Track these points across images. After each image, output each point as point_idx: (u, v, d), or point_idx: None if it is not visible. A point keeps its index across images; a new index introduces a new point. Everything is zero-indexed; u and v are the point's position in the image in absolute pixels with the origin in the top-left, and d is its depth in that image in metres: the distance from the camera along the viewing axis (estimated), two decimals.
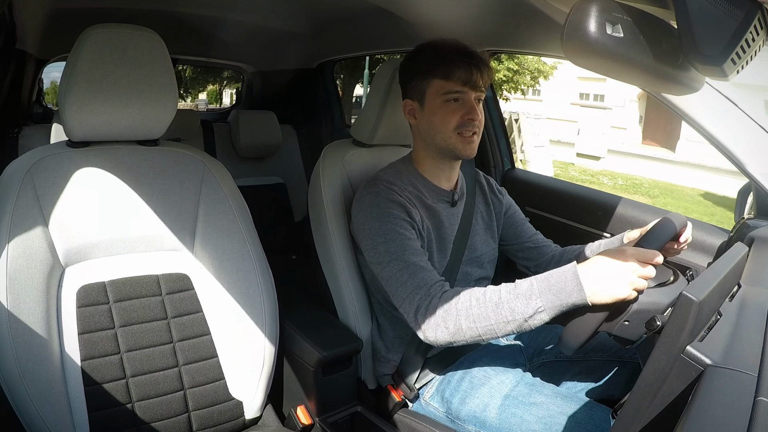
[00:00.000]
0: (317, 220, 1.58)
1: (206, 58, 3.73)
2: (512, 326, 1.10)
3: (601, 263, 1.04)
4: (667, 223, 1.21)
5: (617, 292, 1.00)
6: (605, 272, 1.02)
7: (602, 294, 1.01)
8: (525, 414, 1.26)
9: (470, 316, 1.13)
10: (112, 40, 1.26)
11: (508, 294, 1.11)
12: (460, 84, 1.36)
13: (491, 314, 1.11)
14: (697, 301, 0.72)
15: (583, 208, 1.97)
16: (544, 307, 1.07)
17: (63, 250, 1.26)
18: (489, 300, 1.12)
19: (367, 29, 2.55)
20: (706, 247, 1.59)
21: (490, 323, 1.11)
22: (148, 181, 1.39)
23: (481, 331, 1.13)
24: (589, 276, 1.03)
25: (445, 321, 1.17)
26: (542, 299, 1.07)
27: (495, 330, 1.12)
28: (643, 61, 0.80)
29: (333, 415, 1.46)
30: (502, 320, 1.10)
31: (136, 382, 1.27)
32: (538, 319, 1.08)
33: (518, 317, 1.09)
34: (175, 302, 1.37)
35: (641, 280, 1.01)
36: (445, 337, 1.18)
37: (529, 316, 1.08)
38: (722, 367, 0.68)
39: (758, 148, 1.35)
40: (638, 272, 1.01)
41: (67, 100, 1.24)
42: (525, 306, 1.08)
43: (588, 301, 1.03)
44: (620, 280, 1.00)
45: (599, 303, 1.02)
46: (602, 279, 1.02)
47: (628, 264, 1.01)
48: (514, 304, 1.09)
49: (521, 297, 1.09)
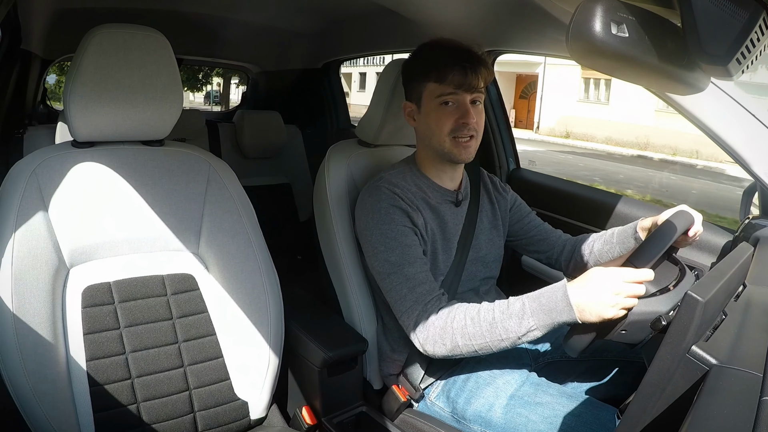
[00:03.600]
0: (322, 220, 1.58)
1: (211, 58, 3.75)
2: (506, 344, 1.17)
3: (589, 284, 1.08)
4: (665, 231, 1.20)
5: (603, 313, 1.04)
6: (592, 293, 1.06)
7: (589, 315, 1.06)
8: (530, 414, 1.26)
9: (466, 334, 1.19)
10: (117, 40, 1.26)
11: (501, 314, 1.17)
12: (453, 87, 1.35)
13: (486, 333, 1.17)
14: (702, 301, 0.72)
15: (590, 208, 1.97)
16: (536, 326, 1.13)
17: (68, 251, 1.26)
18: (483, 320, 1.18)
19: (372, 29, 2.55)
20: (711, 247, 1.58)
21: (485, 341, 1.18)
22: (153, 181, 1.38)
23: (477, 348, 1.19)
24: (577, 296, 1.08)
25: (443, 338, 1.22)
26: (534, 318, 1.13)
27: (490, 347, 1.18)
28: (648, 61, 0.80)
29: (338, 415, 1.46)
30: (497, 339, 1.16)
31: (142, 383, 1.27)
32: (531, 336, 1.15)
33: (512, 336, 1.15)
34: (181, 302, 1.37)
35: (629, 299, 1.03)
36: (442, 351, 1.24)
37: (522, 335, 1.15)
38: (727, 367, 0.68)
39: (763, 148, 1.34)
40: (624, 293, 1.03)
41: (72, 100, 1.24)
42: (518, 325, 1.14)
43: (578, 320, 1.08)
44: (606, 301, 1.04)
45: (587, 322, 1.07)
46: (589, 299, 1.06)
47: (614, 285, 1.04)
48: (508, 323, 1.15)
49: (514, 317, 1.15)
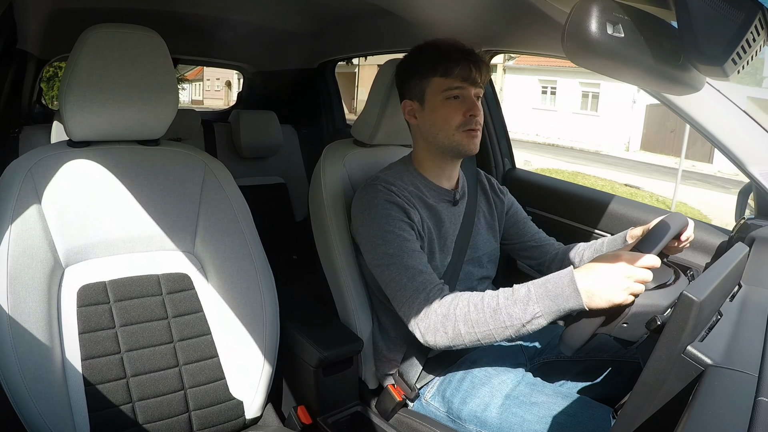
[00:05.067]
0: (318, 220, 1.57)
1: (207, 58, 3.73)
2: (510, 331, 1.11)
3: (597, 268, 1.05)
4: (664, 225, 1.21)
5: (613, 297, 1.01)
6: (601, 278, 1.03)
7: (598, 299, 1.02)
8: (526, 414, 1.26)
9: (469, 321, 1.14)
10: (112, 40, 1.26)
11: (505, 300, 1.12)
12: (460, 80, 1.36)
13: (489, 320, 1.12)
14: (697, 301, 0.72)
15: (585, 208, 1.97)
16: (541, 313, 1.08)
17: (63, 250, 1.26)
18: (487, 306, 1.13)
19: (368, 29, 2.55)
20: (706, 247, 1.59)
21: (489, 329, 1.12)
22: (148, 181, 1.38)
23: (480, 336, 1.14)
24: (585, 281, 1.04)
25: (444, 326, 1.18)
26: (539, 305, 1.08)
27: (493, 335, 1.13)
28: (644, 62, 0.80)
29: (333, 414, 1.46)
30: (500, 326, 1.11)
31: (137, 382, 1.27)
32: (535, 324, 1.09)
33: (516, 323, 1.10)
34: (176, 302, 1.36)
35: (637, 284, 1.01)
36: (444, 341, 1.19)
37: (527, 322, 1.09)
38: (723, 367, 0.68)
39: (759, 149, 1.35)
40: (634, 277, 1.01)
41: (67, 99, 1.24)
42: (522, 312, 1.09)
43: (585, 307, 1.04)
44: (616, 285, 1.01)
45: (596, 308, 1.03)
46: (598, 284, 1.02)
47: (624, 269, 1.02)
48: (512, 309, 1.10)
49: (519, 303, 1.10)
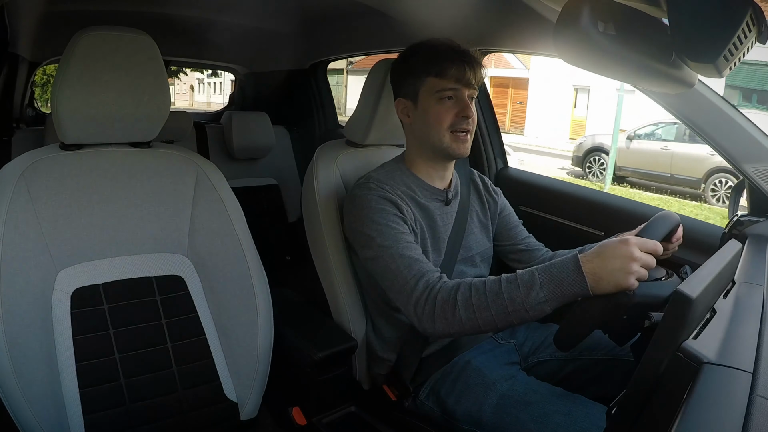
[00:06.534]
0: (311, 220, 1.57)
1: (198, 60, 3.72)
2: (513, 317, 1.09)
3: (602, 252, 1.03)
4: (664, 218, 1.21)
5: (621, 281, 0.99)
6: (607, 261, 1.01)
7: (605, 283, 1.00)
8: (520, 413, 1.25)
9: (470, 306, 1.11)
10: (104, 43, 1.25)
11: (508, 284, 1.09)
12: (454, 81, 1.36)
13: (491, 305, 1.09)
14: (692, 298, 0.72)
15: (577, 207, 1.97)
16: (545, 298, 1.05)
17: (57, 253, 1.25)
18: (489, 290, 1.10)
19: (360, 30, 2.54)
20: (699, 244, 1.59)
21: (490, 314, 1.10)
22: (141, 183, 1.38)
23: (481, 323, 1.11)
24: (591, 265, 1.02)
25: (444, 312, 1.15)
26: (544, 290, 1.05)
27: (495, 321, 1.10)
28: (636, 59, 0.80)
29: (328, 415, 1.46)
30: (503, 311, 1.09)
31: (131, 384, 1.26)
32: (539, 311, 1.07)
33: (519, 308, 1.07)
34: (169, 304, 1.36)
35: (643, 269, 1.00)
36: (443, 328, 1.16)
37: (530, 307, 1.06)
38: (717, 365, 0.68)
39: (752, 145, 1.35)
40: (640, 261, 1.00)
41: (59, 102, 1.23)
42: (526, 296, 1.06)
43: (590, 291, 1.02)
44: (622, 268, 0.99)
45: (601, 293, 1.01)
46: (604, 268, 1.01)
47: (629, 252, 1.00)
48: (515, 294, 1.07)
49: (522, 287, 1.07)
